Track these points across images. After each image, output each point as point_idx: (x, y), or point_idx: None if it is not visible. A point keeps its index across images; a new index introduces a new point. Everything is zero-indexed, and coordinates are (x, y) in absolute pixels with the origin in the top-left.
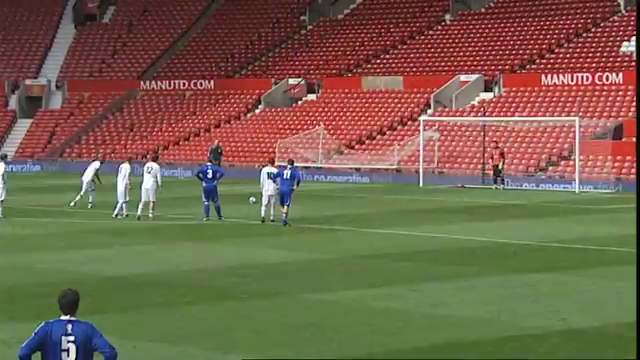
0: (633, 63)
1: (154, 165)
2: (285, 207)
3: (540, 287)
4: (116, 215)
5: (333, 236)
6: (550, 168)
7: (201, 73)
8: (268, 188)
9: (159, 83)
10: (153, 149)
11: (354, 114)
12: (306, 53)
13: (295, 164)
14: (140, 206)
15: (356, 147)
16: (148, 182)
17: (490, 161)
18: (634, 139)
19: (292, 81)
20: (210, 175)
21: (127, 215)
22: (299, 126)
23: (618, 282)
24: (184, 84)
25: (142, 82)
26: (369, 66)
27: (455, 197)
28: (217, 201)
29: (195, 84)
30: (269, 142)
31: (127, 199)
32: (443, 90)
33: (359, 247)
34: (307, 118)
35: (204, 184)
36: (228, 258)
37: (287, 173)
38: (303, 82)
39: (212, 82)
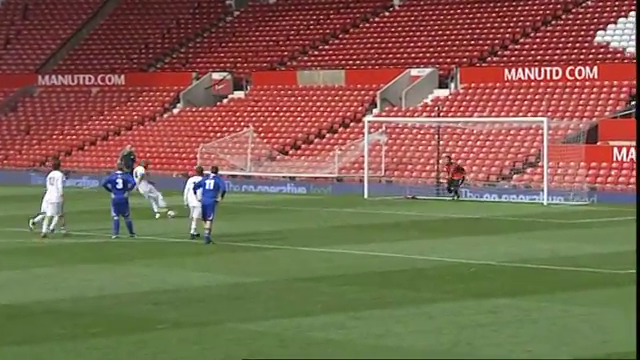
0: (609, 55)
1: (57, 174)
2: (208, 222)
3: (502, 314)
4: (52, 231)
5: (263, 256)
6: (514, 176)
7: (110, 66)
8: (193, 200)
9: (60, 78)
10: (53, 155)
11: (288, 114)
12: (232, 43)
13: (220, 172)
14: (45, 222)
15: (291, 153)
16: (52, 194)
17: (446, 174)
18: (611, 143)
19: (216, 76)
20: (120, 186)
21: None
22: (224, 128)
23: (592, 308)
24: (90, 79)
25: (40, 77)
26: (305, 58)
27: (405, 210)
28: (128, 216)
29: (103, 79)
30: (189, 147)
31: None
32: (391, 86)
33: (294, 268)
34: (234, 119)
35: (113, 196)
36: (141, 282)
37: (210, 183)
38: (229, 77)
39: (123, 77)
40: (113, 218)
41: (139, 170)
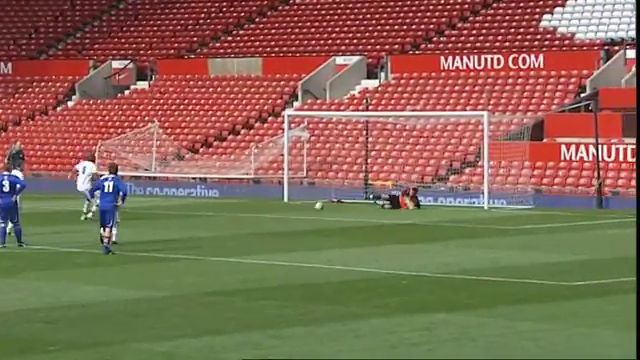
0: (557, 42)
1: None
2: (107, 229)
3: (438, 331)
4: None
5: (170, 267)
6: (451, 177)
7: None
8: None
9: None
10: None
11: (198, 108)
12: (135, 27)
13: (120, 173)
14: None
15: (201, 151)
16: None
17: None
18: (559, 139)
19: (116, 64)
20: (7, 188)
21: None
22: (126, 123)
23: (538, 324)
24: None
25: None
26: (217, 45)
27: (330, 215)
28: (17, 222)
29: None
30: (86, 144)
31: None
32: (314, 76)
33: (204, 281)
34: (137, 112)
35: None
36: (31, 298)
37: (109, 185)
38: (131, 66)
39: (10, 65)
40: None
41: (89, 167)
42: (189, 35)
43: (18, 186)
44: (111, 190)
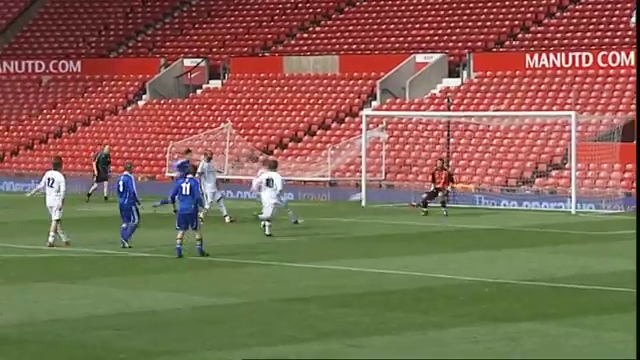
0: None
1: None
2: (197, 233)
3: (524, 341)
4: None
5: (244, 273)
6: (537, 180)
7: (63, 51)
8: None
9: (5, 64)
10: None
11: (272, 107)
12: (207, 25)
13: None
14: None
15: (276, 152)
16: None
17: (432, 185)
18: None
19: (188, 63)
20: (122, 188)
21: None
22: (198, 123)
23: (629, 334)
24: (40, 66)
25: None
26: (293, 42)
27: (409, 219)
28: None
29: (55, 66)
30: (157, 145)
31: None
32: (393, 75)
33: (279, 287)
34: (209, 112)
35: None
36: (100, 304)
37: (186, 187)
38: (203, 64)
39: (79, 63)
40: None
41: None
42: (263, 32)
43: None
44: (189, 192)
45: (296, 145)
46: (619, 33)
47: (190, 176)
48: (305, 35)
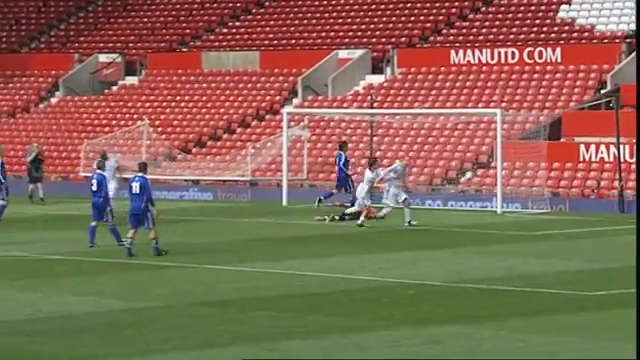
0: (575, 34)
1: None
2: (152, 231)
3: (448, 344)
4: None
5: (161, 275)
6: (462, 179)
7: None
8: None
9: None
10: None
11: (191, 104)
12: (123, 19)
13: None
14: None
15: (194, 151)
16: None
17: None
18: (577, 139)
19: (103, 58)
20: (95, 187)
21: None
22: (114, 121)
23: (556, 337)
24: None
25: None
26: (212, 37)
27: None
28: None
29: None
30: (71, 144)
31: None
32: (315, 71)
33: (197, 291)
34: (125, 110)
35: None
36: (10, 309)
37: (136, 185)
38: (119, 59)
39: None
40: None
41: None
42: (181, 27)
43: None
44: (139, 191)
45: (215, 144)
46: (545, 29)
47: (141, 174)
48: (224, 30)
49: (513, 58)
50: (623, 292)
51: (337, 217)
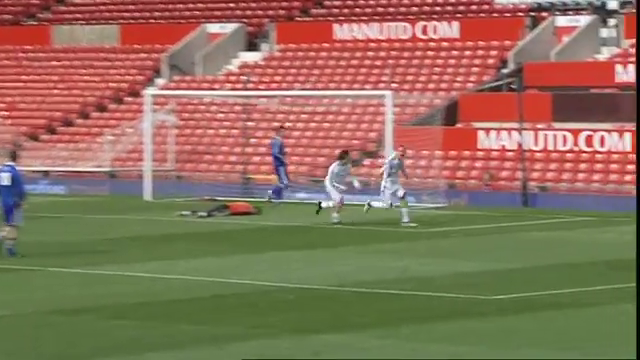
0: (474, 7)
1: None
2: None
3: (330, 354)
4: None
5: (5, 280)
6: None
7: None
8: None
9: None
10: None
11: (40, 85)
12: None
13: None
14: None
15: (44, 138)
16: None
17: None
18: (475, 124)
19: None
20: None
21: None
22: None
23: (453, 346)
24: None
25: None
26: (63, 8)
27: (201, 216)
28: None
29: None
30: None
31: None
32: (182, 48)
33: (46, 297)
34: None
35: None
36: None
37: (7, 177)
38: None
39: None
40: None
41: None
42: None
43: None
44: (9, 183)
45: (68, 130)
46: (440, 1)
47: (10, 164)
48: (77, 0)
49: (404, 33)
50: (528, 295)
51: (204, 213)
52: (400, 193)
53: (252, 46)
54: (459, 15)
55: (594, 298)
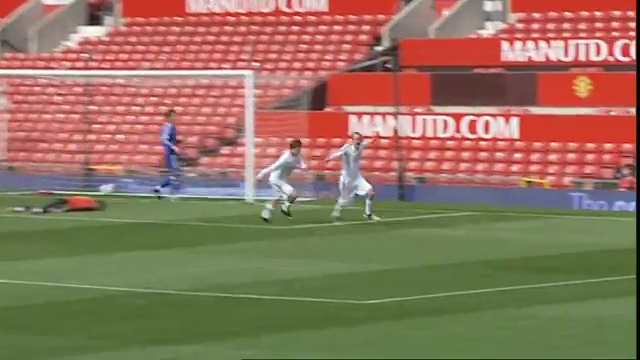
0: None
1: None
2: None
3: None
4: None
5: None
6: (203, 160)
7: None
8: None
9: None
10: None
11: None
12: None
13: None
14: None
15: None
16: None
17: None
18: (346, 108)
19: None
20: None
21: None
22: None
23: (322, 356)
24: None
25: None
26: None
27: (34, 213)
28: None
29: None
30: None
31: None
32: (14, 22)
33: None
34: None
35: None
36: None
37: None
38: None
39: None
40: None
41: None
42: None
43: None
44: None
45: None
46: None
47: None
48: None
49: (266, 6)
50: (404, 299)
51: (40, 209)
52: (364, 190)
53: (94, 20)
54: None
55: (476, 302)
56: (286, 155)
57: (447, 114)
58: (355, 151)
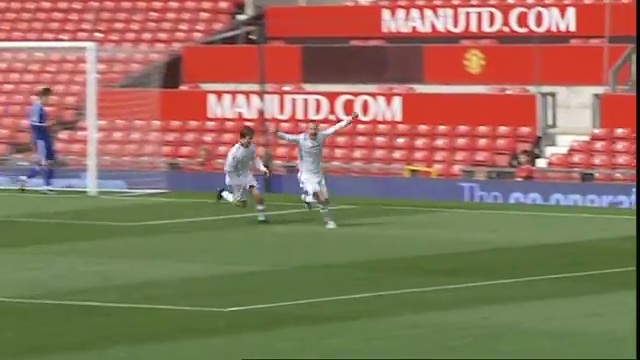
0: None
1: None
2: None
3: None
4: None
5: None
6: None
7: None
8: None
9: None
10: None
11: None
12: None
13: None
14: None
15: None
16: None
17: None
18: (203, 86)
19: None
20: None
21: None
22: None
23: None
24: None
25: None
26: None
27: None
28: None
29: None
30: None
31: None
32: None
33: None
34: None
35: None
36: None
37: None
38: None
39: None
40: None
41: None
42: None
43: None
44: None
45: None
46: None
47: None
48: None
49: None
50: (267, 307)
51: None
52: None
53: None
54: None
55: (353, 309)
56: (234, 149)
57: (320, 93)
58: (312, 143)
